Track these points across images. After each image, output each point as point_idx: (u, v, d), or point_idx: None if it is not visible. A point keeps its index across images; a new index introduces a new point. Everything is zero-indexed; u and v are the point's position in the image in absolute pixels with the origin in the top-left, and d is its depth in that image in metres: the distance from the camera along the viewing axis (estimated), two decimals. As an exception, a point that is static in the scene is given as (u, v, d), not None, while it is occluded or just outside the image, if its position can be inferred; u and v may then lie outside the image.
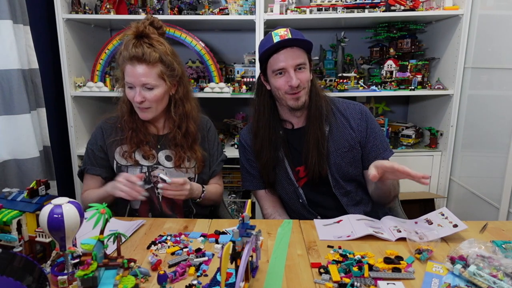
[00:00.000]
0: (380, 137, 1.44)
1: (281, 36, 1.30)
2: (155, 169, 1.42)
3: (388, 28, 2.37)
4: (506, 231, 1.20)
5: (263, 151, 1.42)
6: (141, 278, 0.90)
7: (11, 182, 1.85)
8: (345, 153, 1.40)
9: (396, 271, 0.95)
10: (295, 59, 1.31)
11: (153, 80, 1.30)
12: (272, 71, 1.35)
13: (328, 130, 1.41)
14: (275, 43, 1.29)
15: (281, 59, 1.31)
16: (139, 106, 1.34)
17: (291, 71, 1.31)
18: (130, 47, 1.28)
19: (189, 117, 1.42)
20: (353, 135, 1.41)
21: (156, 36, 1.34)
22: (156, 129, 1.46)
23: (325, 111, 1.41)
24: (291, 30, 1.32)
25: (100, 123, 1.48)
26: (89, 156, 1.46)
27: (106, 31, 2.72)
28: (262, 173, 1.47)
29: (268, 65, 1.36)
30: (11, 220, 0.95)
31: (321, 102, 1.40)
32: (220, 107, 2.60)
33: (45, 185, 1.04)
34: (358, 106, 1.46)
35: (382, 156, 1.41)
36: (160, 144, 1.44)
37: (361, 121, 1.42)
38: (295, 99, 1.35)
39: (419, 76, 2.30)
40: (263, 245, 1.11)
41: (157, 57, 1.29)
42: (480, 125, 2.08)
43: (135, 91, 1.31)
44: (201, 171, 1.46)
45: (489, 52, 2.02)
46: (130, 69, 1.29)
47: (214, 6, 2.38)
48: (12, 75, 1.81)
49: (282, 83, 1.34)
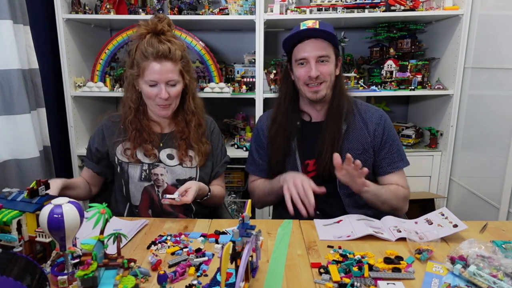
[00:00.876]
0: (397, 145, 1.43)
1: (308, 26, 1.30)
2: (156, 167, 1.42)
3: (388, 28, 2.37)
4: (506, 231, 1.20)
5: (277, 138, 1.42)
6: (141, 278, 0.90)
7: (11, 182, 1.85)
8: (357, 155, 1.38)
9: (396, 271, 0.95)
10: (317, 50, 1.31)
11: (177, 76, 1.33)
12: (295, 60, 1.36)
13: (345, 129, 1.40)
14: (300, 30, 1.30)
15: (304, 49, 1.32)
16: (161, 104, 1.34)
17: (312, 62, 1.31)
18: (155, 44, 1.28)
19: (200, 110, 1.46)
20: (368, 139, 1.40)
21: (171, 33, 1.35)
22: (160, 127, 1.46)
23: (345, 109, 1.40)
24: (320, 23, 1.32)
25: (105, 121, 1.49)
26: (89, 149, 1.50)
27: (106, 31, 2.72)
28: (271, 159, 1.45)
29: (293, 54, 1.37)
30: (11, 220, 0.95)
31: (343, 100, 1.40)
32: (220, 107, 2.59)
33: (45, 185, 1.04)
34: (379, 111, 1.45)
35: (396, 165, 1.41)
36: (162, 142, 1.45)
37: (379, 126, 1.41)
38: (313, 91, 1.35)
39: (419, 76, 2.30)
40: (263, 245, 1.11)
41: (180, 54, 1.32)
42: (480, 125, 2.08)
43: (158, 88, 1.31)
44: (203, 166, 1.46)
45: (489, 52, 2.02)
46: (156, 66, 1.29)
47: (214, 6, 2.38)
48: (12, 75, 1.81)
49: (302, 73, 1.34)
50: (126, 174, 1.42)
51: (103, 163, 1.48)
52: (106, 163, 1.48)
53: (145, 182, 1.42)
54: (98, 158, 1.47)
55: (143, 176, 1.42)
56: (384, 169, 1.42)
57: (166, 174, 1.43)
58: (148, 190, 1.43)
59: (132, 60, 1.34)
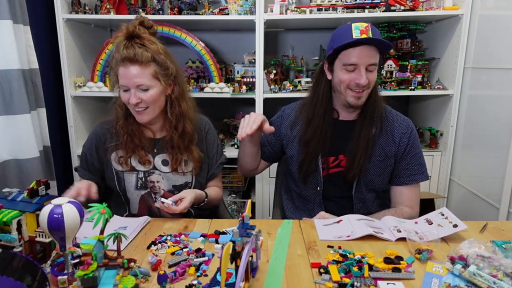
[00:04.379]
0: (419, 158, 1.41)
1: (361, 31, 1.26)
2: (152, 174, 1.40)
3: (388, 28, 2.37)
4: (506, 231, 1.20)
5: (314, 139, 1.39)
6: (141, 278, 0.90)
7: (11, 182, 1.85)
8: (378, 161, 1.38)
9: (396, 271, 0.95)
10: (369, 58, 1.28)
11: (147, 81, 1.27)
12: (343, 64, 1.31)
13: (373, 133, 1.38)
14: (358, 39, 1.25)
15: (356, 55, 1.28)
16: (135, 109, 1.30)
17: (363, 70, 1.28)
18: (121, 48, 1.25)
19: (186, 116, 1.39)
20: (393, 147, 1.39)
21: (147, 35, 1.30)
22: (152, 132, 1.43)
23: (378, 115, 1.39)
24: (372, 28, 1.27)
25: (96, 128, 1.46)
26: (83, 159, 1.46)
27: (106, 31, 2.72)
28: (304, 161, 1.42)
29: (340, 56, 1.32)
30: (11, 220, 0.95)
31: (378, 104, 1.39)
32: (220, 107, 2.60)
33: (45, 185, 1.04)
34: (407, 121, 1.43)
35: (414, 177, 1.39)
36: (156, 148, 1.42)
37: (405, 136, 1.39)
38: (356, 97, 1.33)
39: (419, 76, 2.30)
40: (263, 245, 1.11)
41: (149, 56, 1.26)
42: (480, 125, 2.08)
43: (130, 93, 1.28)
44: (198, 173, 1.44)
45: (489, 52, 2.02)
46: (123, 71, 1.26)
47: (214, 6, 2.38)
48: (12, 75, 1.81)
49: (349, 78, 1.31)
50: (123, 182, 1.40)
51: (97, 173, 1.45)
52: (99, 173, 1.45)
53: (141, 190, 1.40)
54: (93, 166, 1.44)
55: (139, 184, 1.40)
56: (402, 179, 1.40)
57: (162, 181, 1.40)
58: (145, 198, 1.41)
59: (110, 66, 1.34)
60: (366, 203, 1.41)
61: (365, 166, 1.36)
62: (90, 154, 1.44)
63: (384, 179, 1.41)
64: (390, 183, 1.44)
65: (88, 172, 1.44)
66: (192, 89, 2.27)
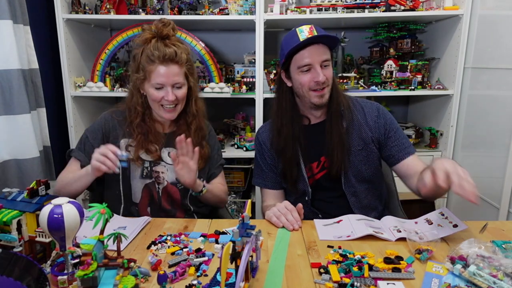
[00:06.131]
0: (401, 132, 1.42)
1: (308, 33, 1.29)
2: (157, 164, 1.43)
3: (388, 28, 2.37)
4: (506, 231, 1.20)
5: (287, 147, 1.41)
6: (141, 278, 0.90)
7: (11, 182, 1.85)
8: (359, 151, 1.40)
9: (396, 271, 0.95)
10: (321, 55, 1.32)
11: (182, 79, 1.35)
12: (298, 67, 1.34)
13: (345, 127, 1.40)
14: (304, 39, 1.28)
15: (307, 55, 1.31)
16: (166, 106, 1.35)
17: (318, 67, 1.32)
18: (161, 47, 1.30)
19: (201, 112, 1.47)
20: (369, 134, 1.40)
21: (175, 37, 1.38)
22: (162, 127, 1.48)
23: (343, 108, 1.41)
24: (316, 27, 1.31)
25: (106, 116, 1.47)
26: (82, 141, 1.45)
27: (106, 31, 2.72)
28: (286, 171, 1.44)
29: (293, 61, 1.36)
30: (11, 220, 0.95)
31: (341, 98, 1.41)
32: (220, 107, 2.60)
33: (45, 185, 1.04)
34: (374, 104, 1.46)
35: (407, 150, 1.38)
36: (165, 141, 1.46)
37: (379, 118, 1.42)
38: (319, 96, 1.35)
39: (419, 76, 2.30)
40: (263, 245, 1.11)
41: (185, 57, 1.35)
42: (480, 125, 2.08)
43: (165, 91, 1.33)
44: (201, 169, 1.46)
45: (489, 52, 2.02)
46: (162, 69, 1.31)
47: (214, 6, 2.38)
48: (12, 75, 1.81)
49: (307, 79, 1.33)
50: (128, 171, 1.42)
51: None
52: None
53: (146, 179, 1.43)
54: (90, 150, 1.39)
55: (144, 173, 1.43)
56: (398, 155, 1.39)
57: (166, 172, 1.44)
58: (149, 187, 1.44)
59: (137, 65, 1.35)
60: (358, 196, 1.42)
61: (345, 159, 1.38)
62: (94, 137, 1.43)
63: (371, 166, 1.42)
64: (390, 165, 1.44)
65: (84, 155, 1.42)
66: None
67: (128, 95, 1.44)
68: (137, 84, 1.38)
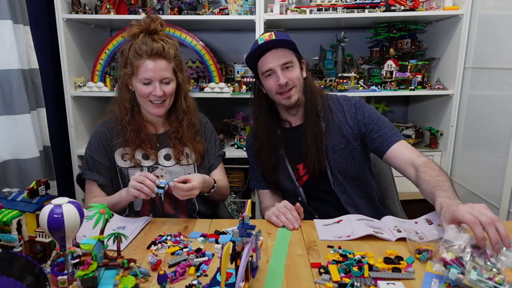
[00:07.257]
0: (383, 122, 1.40)
1: (265, 39, 1.35)
2: (155, 169, 1.42)
3: (388, 28, 2.37)
4: (506, 231, 1.20)
5: (262, 152, 1.46)
6: (141, 278, 0.90)
7: (11, 182, 1.85)
8: (341, 149, 1.41)
9: (396, 271, 0.95)
10: (280, 59, 1.35)
11: (170, 74, 1.35)
12: (262, 73, 1.40)
13: (325, 126, 1.42)
14: (260, 45, 1.34)
15: (268, 60, 1.36)
16: (154, 101, 1.35)
17: (278, 71, 1.35)
18: (149, 42, 1.30)
19: (191, 108, 1.47)
20: (349, 131, 1.41)
21: (163, 33, 1.37)
22: (155, 128, 1.47)
23: (321, 108, 1.42)
24: (276, 33, 1.36)
25: (98, 128, 1.46)
26: (88, 161, 1.43)
27: (106, 31, 2.72)
28: (263, 173, 1.50)
29: (258, 68, 1.41)
30: (11, 220, 0.95)
31: (316, 99, 1.42)
32: (220, 107, 2.60)
33: (45, 185, 1.04)
34: (353, 100, 1.46)
35: (392, 139, 1.35)
36: (159, 143, 1.45)
37: (357, 114, 1.42)
38: (286, 98, 1.38)
39: (419, 76, 2.30)
40: (263, 245, 1.11)
41: (173, 52, 1.35)
42: (480, 125, 2.08)
43: (152, 86, 1.32)
44: (200, 164, 1.47)
45: (489, 52, 2.02)
46: (150, 64, 1.31)
47: (214, 6, 2.38)
48: (12, 75, 1.81)
49: (272, 83, 1.38)
50: (127, 179, 1.40)
51: (106, 173, 1.43)
52: (109, 172, 1.43)
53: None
54: (101, 164, 1.42)
55: None
56: (382, 147, 1.36)
57: (165, 175, 1.43)
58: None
59: (125, 60, 1.35)
60: (348, 193, 1.43)
61: (322, 159, 1.39)
62: (97, 154, 1.42)
63: (356, 163, 1.43)
64: (380, 157, 1.41)
65: (94, 173, 1.42)
66: (192, 89, 2.27)
67: (117, 91, 1.44)
68: (125, 80, 1.37)
